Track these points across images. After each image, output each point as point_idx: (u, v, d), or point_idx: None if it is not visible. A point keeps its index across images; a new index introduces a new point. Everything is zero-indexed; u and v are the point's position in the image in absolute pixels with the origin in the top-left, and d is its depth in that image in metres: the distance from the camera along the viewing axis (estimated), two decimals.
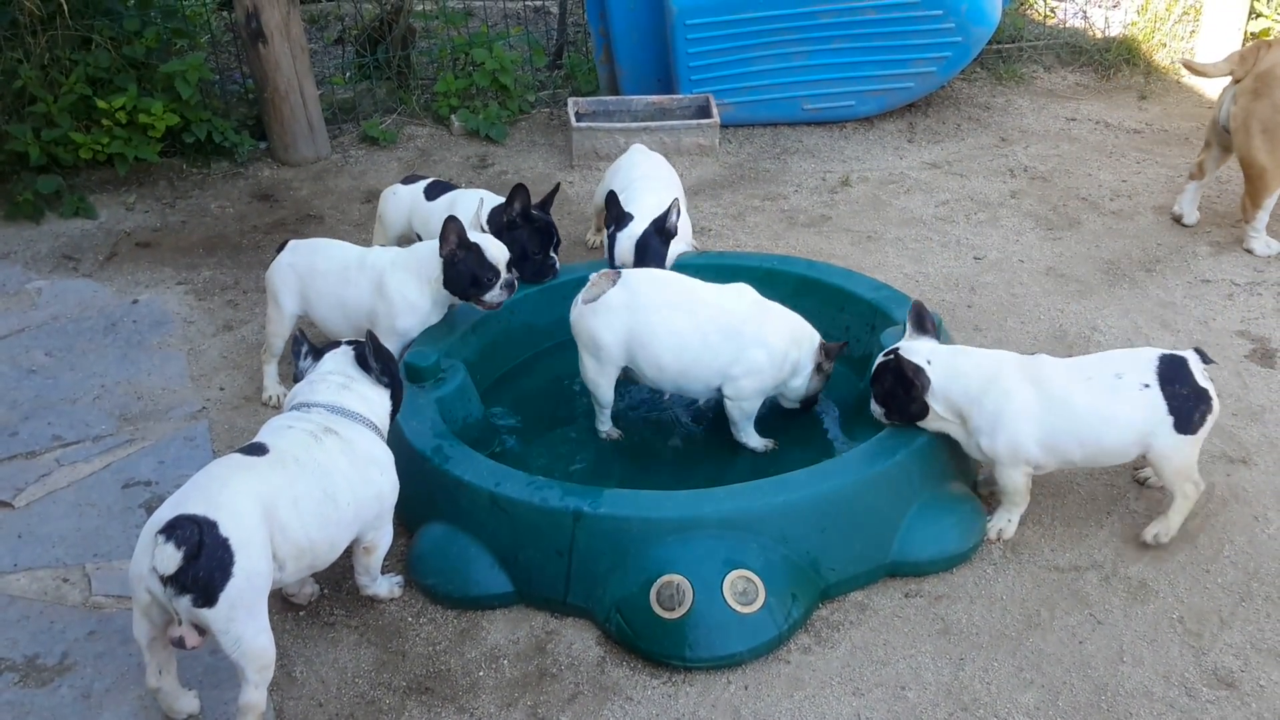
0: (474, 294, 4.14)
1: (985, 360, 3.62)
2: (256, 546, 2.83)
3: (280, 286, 4.35)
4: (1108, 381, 3.50)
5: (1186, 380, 3.47)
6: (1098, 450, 3.53)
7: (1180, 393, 3.45)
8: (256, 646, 2.86)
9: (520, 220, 4.47)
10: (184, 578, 2.73)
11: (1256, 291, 5.12)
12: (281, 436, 3.13)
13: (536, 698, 3.18)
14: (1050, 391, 3.50)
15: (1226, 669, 3.21)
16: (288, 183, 6.42)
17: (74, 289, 5.34)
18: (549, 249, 4.52)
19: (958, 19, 6.64)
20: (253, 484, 2.93)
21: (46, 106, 5.95)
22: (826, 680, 3.21)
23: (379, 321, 4.17)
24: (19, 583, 3.58)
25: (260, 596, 2.86)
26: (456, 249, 4.08)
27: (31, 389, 4.56)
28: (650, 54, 6.89)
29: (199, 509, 2.79)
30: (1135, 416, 3.46)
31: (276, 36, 6.30)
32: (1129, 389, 3.47)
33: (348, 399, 3.29)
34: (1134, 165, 6.48)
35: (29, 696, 3.18)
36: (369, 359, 3.35)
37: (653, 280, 3.97)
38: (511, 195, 4.47)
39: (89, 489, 4.00)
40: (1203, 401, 3.46)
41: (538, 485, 3.42)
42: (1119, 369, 3.52)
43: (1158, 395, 3.45)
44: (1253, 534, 3.71)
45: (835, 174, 6.41)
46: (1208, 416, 3.48)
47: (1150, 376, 3.47)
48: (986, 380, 3.54)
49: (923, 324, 3.71)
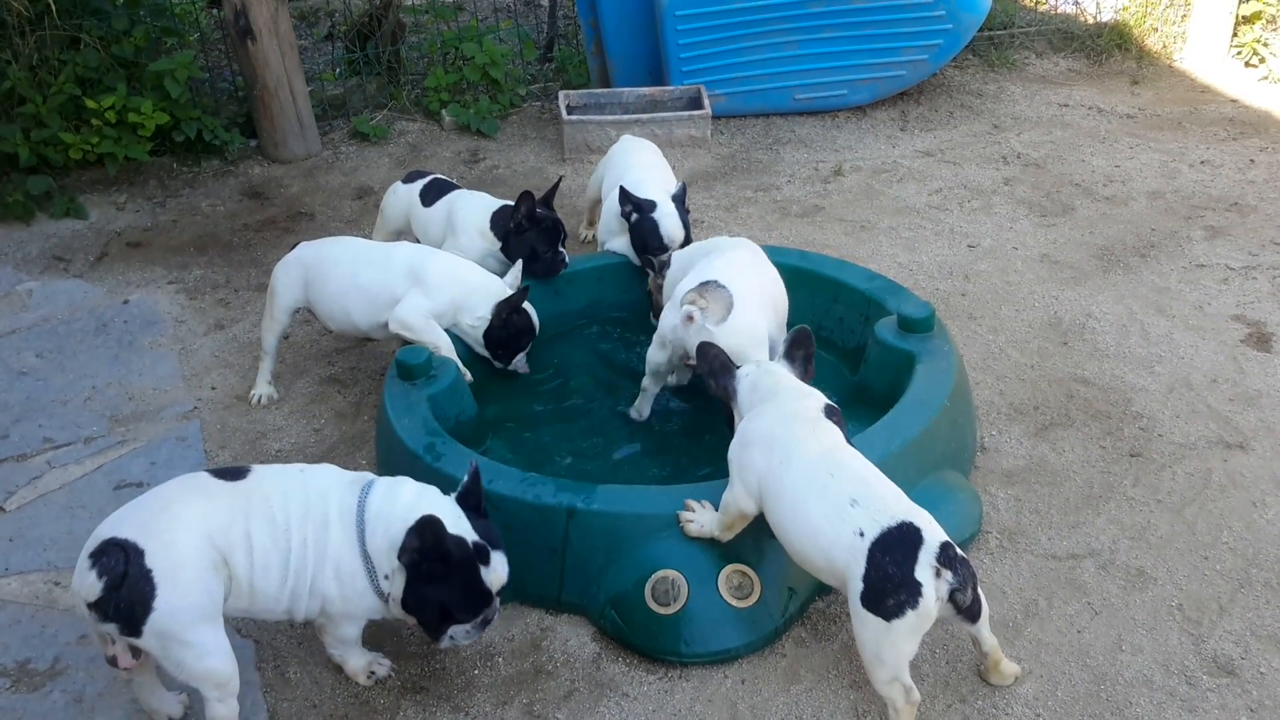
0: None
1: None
2: (186, 579, 2.72)
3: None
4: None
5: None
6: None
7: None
8: (201, 669, 2.78)
9: (527, 223, 4.52)
10: (105, 607, 2.68)
11: (1251, 276, 5.10)
12: (281, 474, 3.01)
13: (532, 695, 3.17)
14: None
15: (1226, 656, 3.20)
16: (278, 180, 6.40)
17: (64, 290, 5.32)
18: (557, 245, 4.57)
19: (949, 6, 6.63)
20: (200, 509, 2.82)
21: (36, 107, 5.93)
22: (823, 673, 3.19)
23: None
24: (10, 587, 3.56)
25: (193, 626, 2.73)
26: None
27: (22, 391, 4.54)
28: (641, 46, 6.86)
29: (130, 534, 2.73)
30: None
31: (265, 33, 6.27)
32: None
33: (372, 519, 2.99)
34: (1127, 151, 6.46)
35: (20, 701, 3.16)
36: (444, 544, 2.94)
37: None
38: (518, 202, 4.52)
39: (80, 491, 3.98)
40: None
41: (531, 482, 3.40)
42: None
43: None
44: (1251, 520, 3.69)
45: (828, 164, 6.38)
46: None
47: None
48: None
49: (791, 352, 3.35)
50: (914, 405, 3.66)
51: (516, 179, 6.31)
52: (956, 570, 2.76)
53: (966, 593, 2.79)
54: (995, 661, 3.08)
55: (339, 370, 4.68)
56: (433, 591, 2.93)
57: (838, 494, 2.87)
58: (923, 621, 2.76)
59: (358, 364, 4.71)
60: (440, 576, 2.91)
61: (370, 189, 6.26)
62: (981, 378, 4.44)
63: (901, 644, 2.78)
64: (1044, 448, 4.06)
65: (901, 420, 3.61)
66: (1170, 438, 4.08)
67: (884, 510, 2.81)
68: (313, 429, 4.31)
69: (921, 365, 3.82)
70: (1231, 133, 6.66)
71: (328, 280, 4.24)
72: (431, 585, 2.92)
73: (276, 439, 4.25)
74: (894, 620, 2.73)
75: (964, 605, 2.82)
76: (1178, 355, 4.55)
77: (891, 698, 2.86)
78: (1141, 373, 4.45)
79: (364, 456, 4.12)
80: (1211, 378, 4.41)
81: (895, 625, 2.74)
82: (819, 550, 2.89)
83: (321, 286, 4.25)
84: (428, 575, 2.90)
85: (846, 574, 2.82)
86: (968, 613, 2.85)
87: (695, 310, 3.60)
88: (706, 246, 4.14)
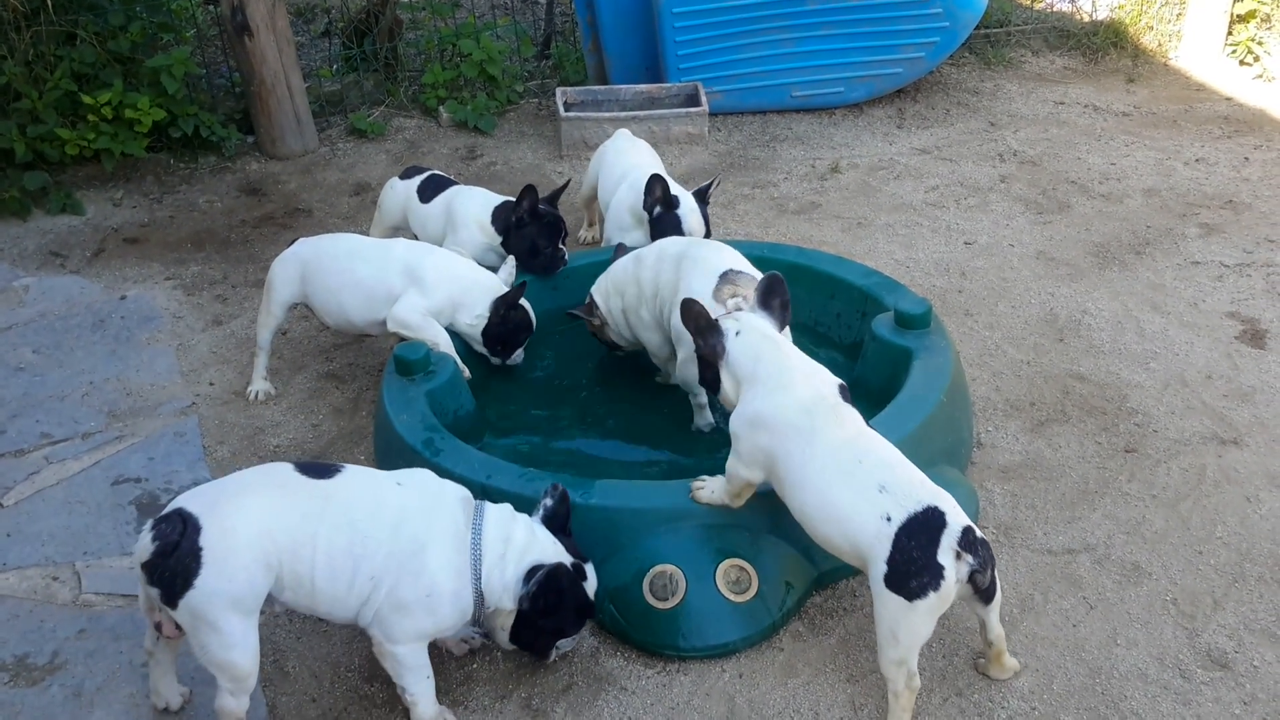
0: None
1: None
2: (231, 566, 2.72)
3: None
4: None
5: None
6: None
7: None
8: (222, 658, 2.79)
9: (529, 218, 4.53)
10: (153, 570, 2.73)
11: (1246, 273, 5.12)
12: (374, 482, 2.99)
13: (531, 689, 3.18)
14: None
15: (1220, 650, 3.21)
16: (275, 176, 6.40)
17: (61, 286, 5.32)
18: (558, 242, 4.59)
19: (945, 4, 6.64)
20: (269, 502, 2.82)
21: (32, 103, 5.92)
22: (820, 667, 3.21)
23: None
24: (8, 581, 3.56)
25: (226, 613, 2.74)
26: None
27: (19, 387, 4.54)
28: (638, 43, 6.86)
29: (196, 508, 2.76)
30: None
31: (262, 29, 6.27)
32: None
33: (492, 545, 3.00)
34: (1123, 148, 6.48)
35: (19, 696, 3.16)
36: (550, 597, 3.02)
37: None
38: (520, 196, 4.54)
39: (78, 486, 3.98)
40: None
41: (529, 477, 3.40)
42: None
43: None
44: (1244, 515, 3.71)
45: (825, 161, 6.39)
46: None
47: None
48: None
49: (767, 301, 3.29)
50: (910, 401, 3.68)
51: (514, 175, 6.32)
52: (977, 553, 2.81)
53: (986, 574, 2.85)
54: (999, 653, 3.10)
55: (337, 366, 4.68)
56: (548, 623, 3.06)
57: (865, 480, 2.89)
58: (942, 603, 2.82)
59: (356, 359, 4.72)
60: (555, 610, 3.02)
61: (367, 185, 6.26)
62: (978, 373, 4.45)
63: (919, 624, 2.83)
64: (1040, 443, 4.07)
65: (898, 416, 3.61)
66: (1165, 433, 4.10)
67: (910, 495, 2.85)
68: (311, 424, 4.32)
69: (918, 361, 3.83)
70: (1226, 131, 6.68)
71: (325, 276, 4.24)
72: (546, 618, 3.02)
73: (275, 434, 4.26)
74: (916, 601, 2.79)
75: (983, 586, 2.88)
76: (1173, 352, 4.57)
77: (894, 679, 2.89)
78: (1137, 369, 4.47)
79: (362, 452, 4.13)
80: (1206, 374, 4.42)
81: (917, 605, 2.79)
82: (844, 535, 2.92)
83: (319, 283, 4.26)
84: (543, 611, 3.00)
85: (869, 556, 2.86)
86: (985, 594, 2.91)
87: (741, 300, 3.57)
88: (666, 252, 4.01)
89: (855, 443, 2.98)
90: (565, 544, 3.09)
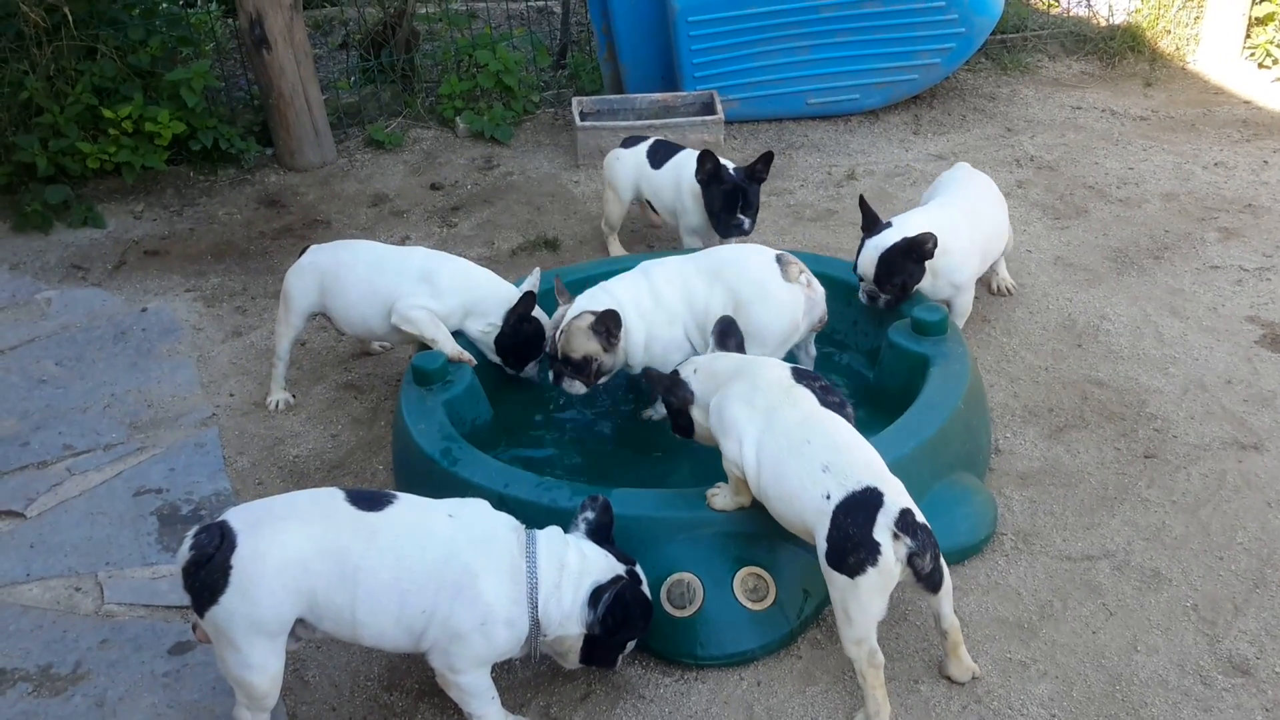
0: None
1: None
2: (257, 591, 2.72)
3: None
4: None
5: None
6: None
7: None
8: (239, 676, 2.80)
9: (711, 180, 4.79)
10: (186, 578, 2.76)
11: (1266, 277, 5.09)
12: (425, 513, 2.97)
13: (549, 698, 3.18)
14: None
15: (1241, 656, 3.20)
16: (294, 188, 6.44)
17: (83, 298, 5.36)
18: (735, 210, 4.79)
19: (961, 10, 6.63)
20: (312, 532, 2.80)
21: (53, 117, 5.98)
22: (839, 675, 3.20)
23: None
24: (31, 592, 3.60)
25: (247, 635, 2.74)
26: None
27: (42, 399, 4.58)
28: (654, 51, 6.89)
29: (239, 525, 2.77)
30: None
31: (280, 42, 6.32)
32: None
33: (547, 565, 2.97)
34: (1140, 153, 6.45)
35: (43, 706, 3.19)
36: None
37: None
38: (700, 160, 4.77)
39: (100, 497, 4.01)
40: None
41: (546, 486, 3.41)
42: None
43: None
44: (1265, 520, 3.69)
45: (841, 168, 6.39)
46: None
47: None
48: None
49: (724, 343, 3.51)
50: (928, 408, 3.67)
51: (530, 185, 6.34)
52: (915, 535, 2.86)
53: (925, 559, 2.88)
54: (955, 644, 3.12)
55: (355, 376, 4.71)
56: (621, 638, 3.05)
57: (811, 459, 2.98)
58: (886, 580, 2.86)
59: (374, 370, 4.74)
60: (625, 625, 3.01)
61: (385, 196, 6.29)
62: (996, 380, 4.44)
63: (866, 601, 2.88)
64: (1059, 449, 4.06)
65: (915, 423, 3.61)
66: (1185, 439, 4.08)
67: (851, 476, 2.92)
68: (330, 435, 4.34)
69: (935, 368, 3.83)
70: (1245, 134, 6.65)
71: (345, 286, 4.24)
72: (618, 635, 3.03)
73: (294, 445, 4.29)
74: (858, 577, 2.84)
75: (923, 572, 2.91)
76: (1192, 357, 4.55)
77: (857, 658, 2.95)
78: (1156, 374, 4.45)
79: (381, 462, 4.15)
80: (1226, 379, 4.40)
81: (859, 582, 2.85)
82: (795, 513, 3.02)
83: (339, 293, 4.26)
84: (614, 630, 2.99)
85: (815, 534, 2.95)
86: (928, 581, 2.94)
87: (804, 271, 3.95)
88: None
89: (807, 423, 3.07)
90: (612, 552, 3.08)
